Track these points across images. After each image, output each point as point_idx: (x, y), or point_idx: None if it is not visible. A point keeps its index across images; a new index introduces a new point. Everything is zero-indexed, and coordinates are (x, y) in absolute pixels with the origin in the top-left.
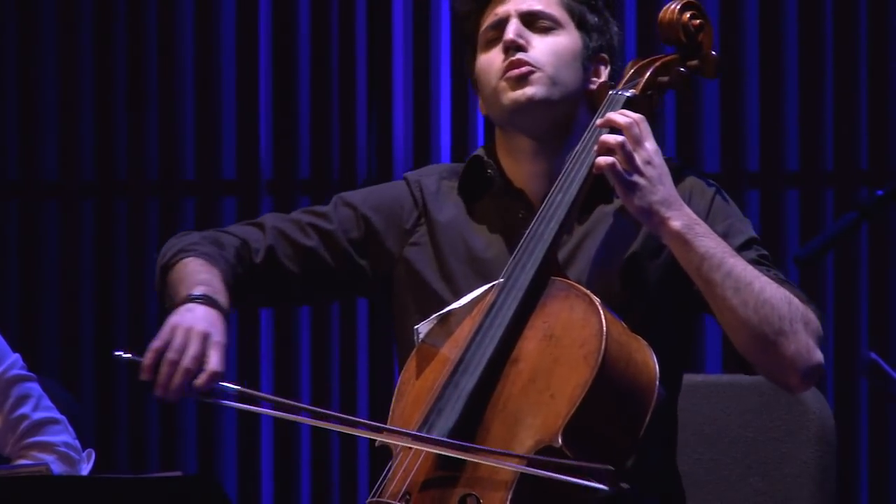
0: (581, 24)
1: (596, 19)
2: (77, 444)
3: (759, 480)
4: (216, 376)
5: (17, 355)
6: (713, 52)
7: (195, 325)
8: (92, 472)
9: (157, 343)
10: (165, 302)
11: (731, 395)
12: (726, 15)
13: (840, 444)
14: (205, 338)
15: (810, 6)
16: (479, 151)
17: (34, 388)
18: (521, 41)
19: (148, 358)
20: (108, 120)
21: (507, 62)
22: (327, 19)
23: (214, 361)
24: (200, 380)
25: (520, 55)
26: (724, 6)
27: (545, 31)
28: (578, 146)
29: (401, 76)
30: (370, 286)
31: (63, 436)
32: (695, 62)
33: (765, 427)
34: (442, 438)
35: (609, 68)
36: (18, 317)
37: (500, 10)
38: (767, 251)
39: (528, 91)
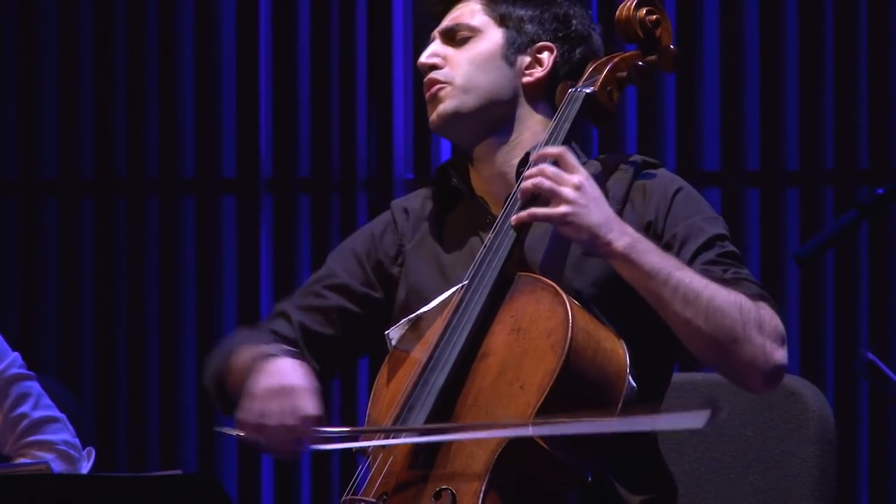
0: (503, 21)
1: (525, 11)
2: (77, 442)
3: (758, 479)
4: (316, 420)
5: (16, 354)
6: (671, 46)
7: (272, 384)
8: (92, 470)
9: (241, 415)
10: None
11: (732, 394)
12: (726, 14)
13: (840, 443)
14: (290, 391)
15: (810, 5)
16: (447, 162)
17: (33, 386)
18: (433, 60)
19: (245, 431)
20: (107, 118)
21: (424, 85)
22: (327, 18)
23: (309, 407)
24: (301, 431)
25: (431, 74)
26: (724, 6)
27: (463, 42)
28: (539, 144)
29: (401, 75)
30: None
31: (63, 434)
32: (653, 57)
33: (764, 425)
34: (417, 426)
35: (556, 54)
36: (18, 315)
37: (431, 35)
38: (734, 246)
39: (439, 107)
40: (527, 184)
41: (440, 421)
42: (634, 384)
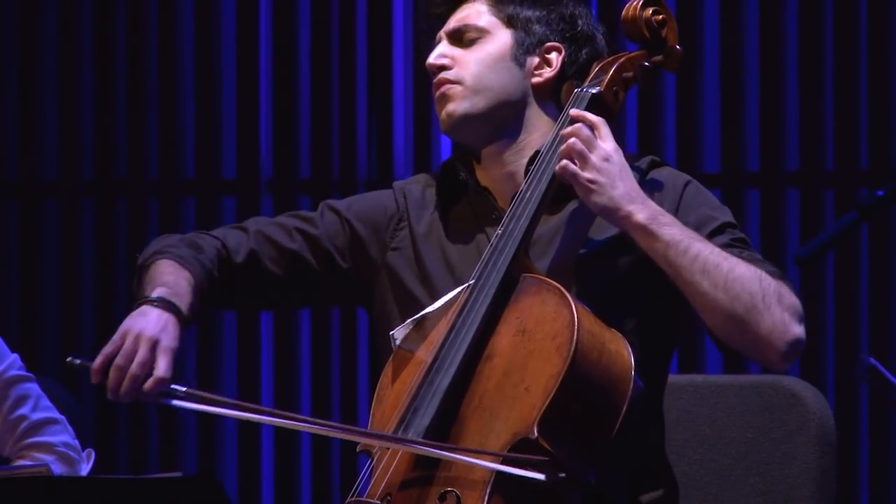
0: (511, 23)
1: (532, 12)
2: (76, 443)
3: (759, 481)
4: (162, 382)
5: (15, 356)
6: (677, 47)
7: (145, 331)
8: (91, 472)
9: (107, 348)
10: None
11: (732, 396)
12: (726, 15)
13: (840, 445)
14: (154, 343)
15: (810, 6)
16: (454, 156)
17: (33, 388)
18: (442, 61)
19: (97, 362)
20: (108, 119)
21: (434, 86)
22: (327, 19)
23: (162, 367)
24: (147, 385)
25: (440, 75)
26: (724, 6)
27: (471, 43)
28: (545, 144)
29: (401, 76)
30: (353, 292)
31: (62, 436)
32: (659, 57)
33: (765, 427)
34: (421, 440)
35: (564, 55)
36: (18, 316)
37: (437, 35)
38: (744, 234)
39: (449, 108)
40: (566, 147)
41: (445, 421)
42: (641, 384)
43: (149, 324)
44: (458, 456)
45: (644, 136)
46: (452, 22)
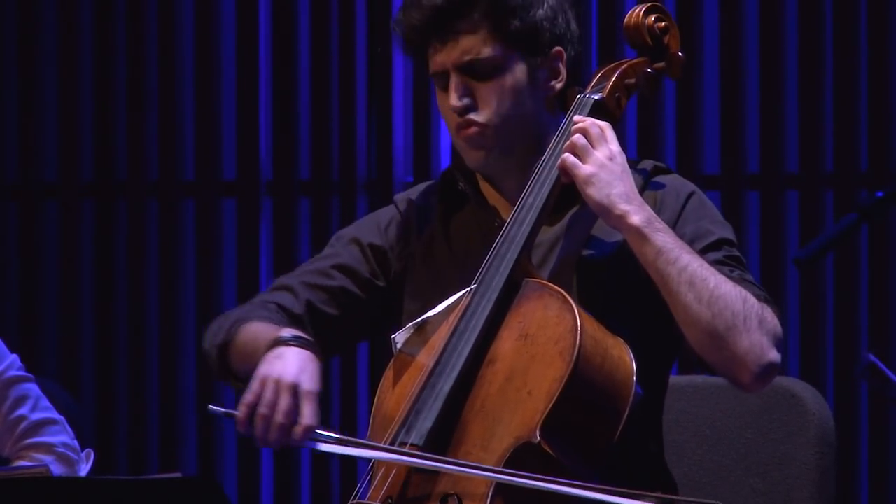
0: (516, 43)
1: (527, 16)
2: (76, 444)
3: (758, 481)
4: (310, 430)
5: (14, 356)
6: (679, 54)
7: (284, 376)
8: (91, 472)
9: (248, 398)
10: (231, 381)
11: (732, 397)
12: (726, 17)
13: (840, 446)
14: (294, 389)
15: (810, 6)
16: (452, 165)
17: (32, 388)
18: (466, 101)
19: (241, 413)
20: (107, 120)
21: (457, 123)
22: (327, 19)
23: (307, 415)
24: (296, 434)
25: (468, 116)
26: (724, 6)
27: (486, 77)
28: (548, 150)
29: (401, 77)
30: (395, 309)
31: (61, 436)
32: (661, 64)
33: (765, 428)
34: (422, 454)
35: (564, 56)
36: (18, 317)
37: (438, 61)
38: (741, 254)
39: (483, 154)
40: (572, 140)
41: (447, 425)
42: (641, 391)
43: (287, 367)
44: (560, 487)
45: (644, 136)
46: (458, 53)
